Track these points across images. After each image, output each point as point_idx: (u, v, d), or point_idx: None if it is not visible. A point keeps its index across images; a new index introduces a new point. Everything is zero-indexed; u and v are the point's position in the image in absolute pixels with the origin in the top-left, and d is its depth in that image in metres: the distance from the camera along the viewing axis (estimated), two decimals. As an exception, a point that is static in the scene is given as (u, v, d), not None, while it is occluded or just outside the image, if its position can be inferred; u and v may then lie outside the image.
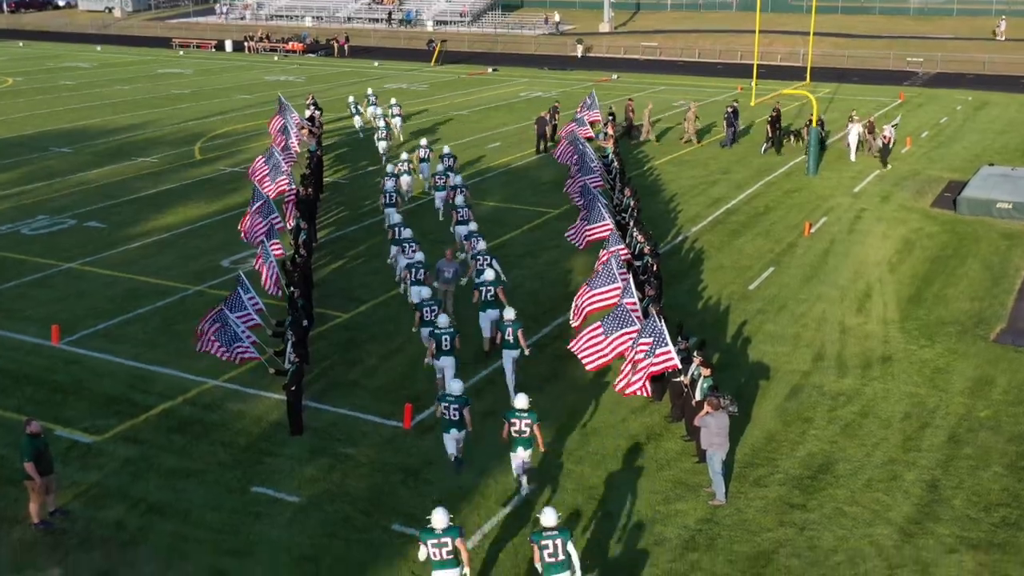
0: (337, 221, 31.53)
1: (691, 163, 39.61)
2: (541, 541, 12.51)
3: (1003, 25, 78.77)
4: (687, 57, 78.32)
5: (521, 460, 15.86)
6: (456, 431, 16.49)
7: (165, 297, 24.73)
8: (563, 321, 23.05)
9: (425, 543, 12.65)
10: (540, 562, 12.55)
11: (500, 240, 28.48)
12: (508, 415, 15.87)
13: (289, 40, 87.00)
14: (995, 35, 77.99)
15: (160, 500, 15.93)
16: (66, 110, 53.15)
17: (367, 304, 24.31)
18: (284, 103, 40.23)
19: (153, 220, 31.57)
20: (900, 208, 32.73)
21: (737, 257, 27.76)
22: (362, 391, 19.75)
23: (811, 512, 15.57)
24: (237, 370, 20.26)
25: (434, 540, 12.60)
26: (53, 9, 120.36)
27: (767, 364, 20.83)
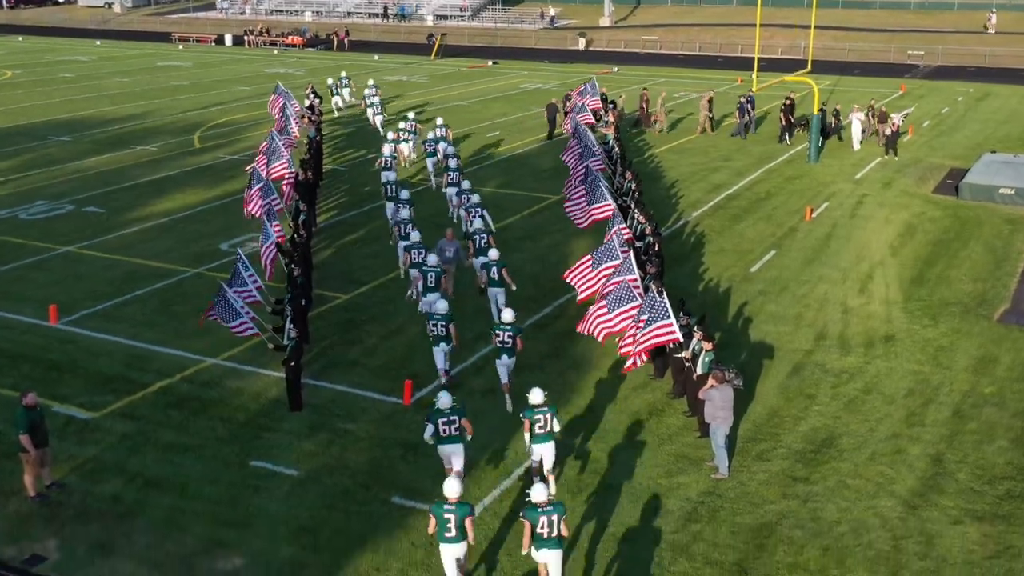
0: (337, 206, 31.39)
1: (691, 151, 39.46)
2: (534, 416, 14.45)
3: (993, 19, 78.84)
4: (687, 51, 78.20)
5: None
6: (445, 344, 18.16)
7: (163, 279, 24.59)
8: (564, 301, 22.94)
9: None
10: (529, 433, 14.58)
11: (501, 224, 28.26)
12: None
13: (289, 34, 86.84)
14: (986, 28, 77.97)
15: (157, 474, 15.79)
16: (65, 101, 53.00)
17: (367, 286, 24.17)
18: (284, 91, 40.11)
19: (152, 205, 31.42)
20: (902, 194, 32.58)
21: (738, 241, 27.62)
22: (362, 369, 19.61)
23: (814, 485, 15.43)
24: (235, 348, 20.15)
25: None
26: (52, 5, 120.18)
27: (769, 343, 20.69)
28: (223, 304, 18.42)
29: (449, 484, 12.42)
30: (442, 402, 14.80)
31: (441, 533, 12.36)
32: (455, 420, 14.75)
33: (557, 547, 12.34)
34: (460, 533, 12.30)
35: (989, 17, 79.09)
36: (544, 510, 12.21)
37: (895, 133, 37.69)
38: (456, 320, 18.53)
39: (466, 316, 21.60)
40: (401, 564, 13.58)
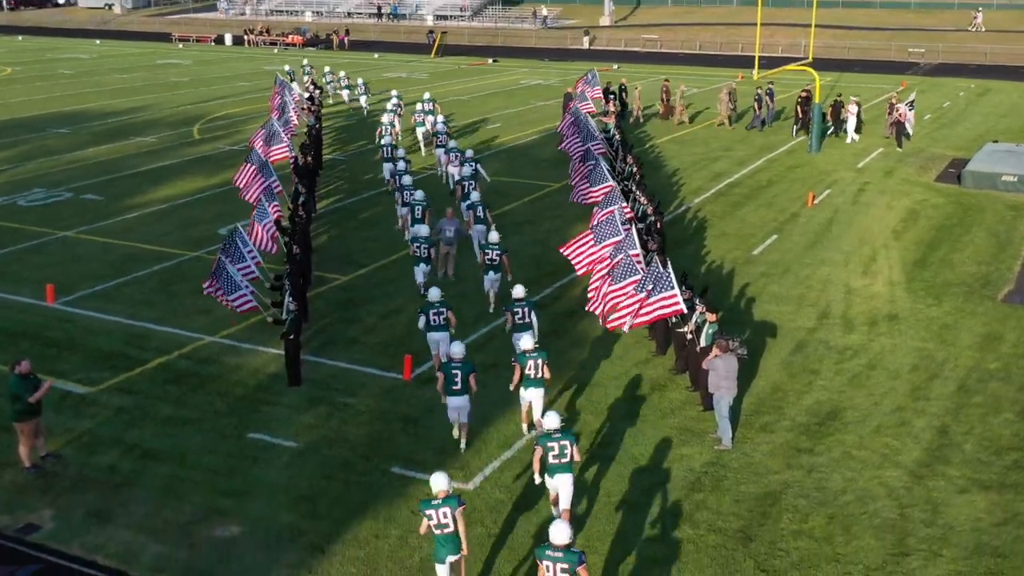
0: (336, 193, 31.26)
1: (692, 141, 39.33)
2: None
3: (979, 17, 78.91)
4: (688, 49, 78.11)
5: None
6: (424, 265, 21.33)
7: (162, 262, 24.45)
8: (565, 282, 22.79)
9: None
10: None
11: (501, 210, 28.13)
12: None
13: (289, 34, 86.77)
14: (972, 27, 78.05)
15: (155, 446, 15.63)
16: (64, 95, 52.90)
17: (366, 268, 24.02)
18: (283, 82, 40.00)
19: (151, 193, 31.28)
20: (904, 182, 32.43)
21: (740, 226, 27.47)
22: (361, 346, 19.46)
23: (819, 456, 15.27)
24: (234, 327, 19.99)
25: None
26: (53, 7, 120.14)
27: (772, 322, 20.52)
28: (223, 277, 18.28)
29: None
30: (432, 296, 17.55)
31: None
32: (443, 311, 17.39)
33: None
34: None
35: (975, 16, 79.20)
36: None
37: (900, 122, 37.48)
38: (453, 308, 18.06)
39: (467, 296, 21.47)
40: (400, 531, 13.41)
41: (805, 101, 40.12)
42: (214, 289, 18.54)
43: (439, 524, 11.37)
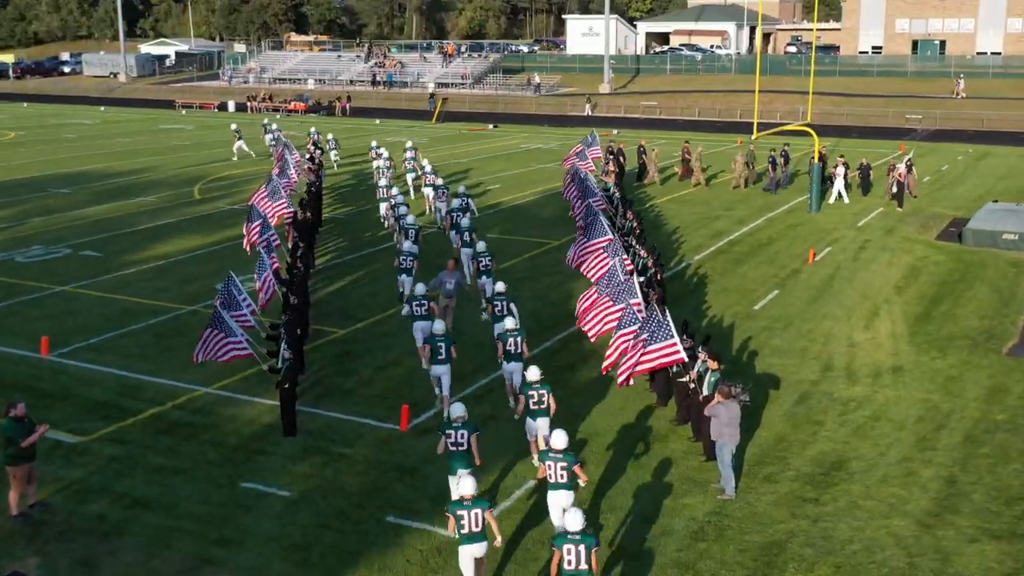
0: (336, 250, 31.18)
1: (693, 201, 39.39)
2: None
3: (961, 84, 79.85)
4: (687, 116, 78.77)
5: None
6: (406, 276, 23.39)
7: (158, 315, 24.25)
8: (565, 336, 22.57)
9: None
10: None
11: (502, 266, 27.97)
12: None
13: (291, 101, 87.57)
14: (955, 94, 78.93)
15: (145, 494, 15.28)
16: (67, 157, 53.18)
17: (364, 322, 23.82)
18: (285, 142, 40.19)
19: (150, 249, 31.19)
20: (905, 240, 32.37)
21: (741, 282, 27.32)
22: (358, 398, 19.17)
23: (824, 506, 14.92)
24: (229, 378, 19.73)
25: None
26: (59, 75, 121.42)
27: (775, 375, 20.27)
28: (217, 323, 18.04)
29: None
30: (418, 289, 20.30)
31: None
32: (424, 303, 20.00)
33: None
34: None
35: (957, 83, 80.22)
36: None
37: (900, 183, 37.55)
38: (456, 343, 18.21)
39: (465, 347, 21.24)
40: (396, 580, 13.04)
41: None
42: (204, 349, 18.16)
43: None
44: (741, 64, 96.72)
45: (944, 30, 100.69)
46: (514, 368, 17.97)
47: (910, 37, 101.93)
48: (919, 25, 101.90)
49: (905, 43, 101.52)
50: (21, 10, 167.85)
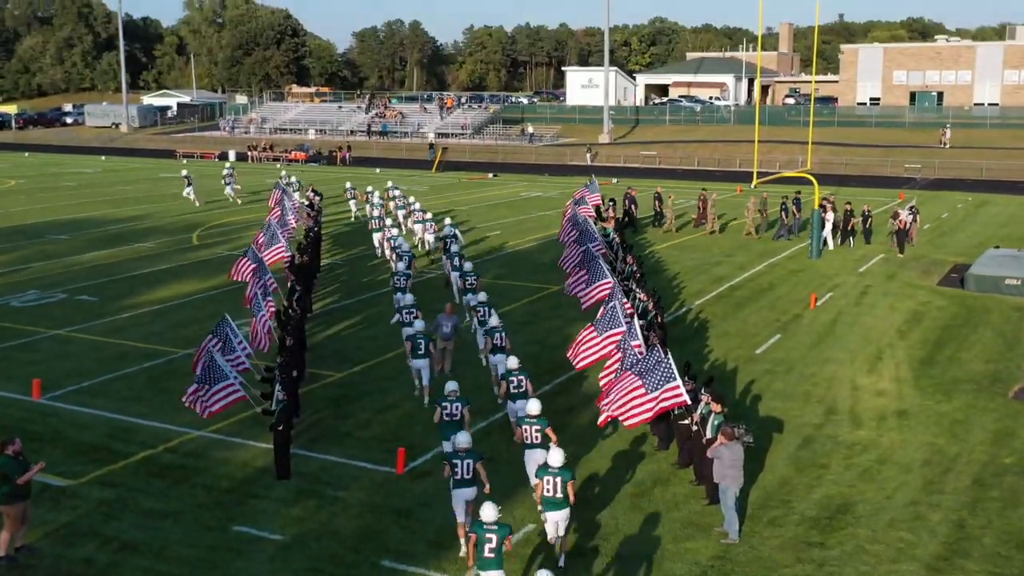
0: (334, 294, 30.95)
1: (693, 247, 39.24)
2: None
3: (948, 134, 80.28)
4: (686, 165, 78.94)
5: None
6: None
7: (153, 359, 23.95)
8: (564, 379, 22.28)
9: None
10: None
11: (501, 311, 27.61)
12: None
13: (292, 150, 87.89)
14: (941, 143, 79.32)
15: (134, 538, 14.90)
16: (66, 204, 53.17)
17: (362, 365, 23.52)
18: (283, 188, 40.14)
19: (146, 294, 30.95)
20: (906, 285, 32.16)
21: (742, 326, 27.06)
22: (354, 440, 18.83)
23: (831, 550, 14.53)
24: (223, 421, 19.36)
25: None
26: (61, 126, 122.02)
27: (778, 418, 19.93)
28: (208, 368, 17.71)
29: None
30: (407, 299, 22.98)
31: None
32: (413, 311, 22.19)
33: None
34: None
35: (944, 132, 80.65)
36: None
37: (902, 230, 37.39)
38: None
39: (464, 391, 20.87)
40: (390, 625, 12.64)
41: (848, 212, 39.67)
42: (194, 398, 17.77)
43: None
44: (740, 115, 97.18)
45: (941, 82, 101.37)
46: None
47: (908, 89, 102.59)
48: (916, 77, 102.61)
49: (903, 94, 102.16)
50: (25, 62, 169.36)
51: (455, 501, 14.47)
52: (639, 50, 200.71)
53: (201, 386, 17.51)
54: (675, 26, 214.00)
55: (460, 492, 14.38)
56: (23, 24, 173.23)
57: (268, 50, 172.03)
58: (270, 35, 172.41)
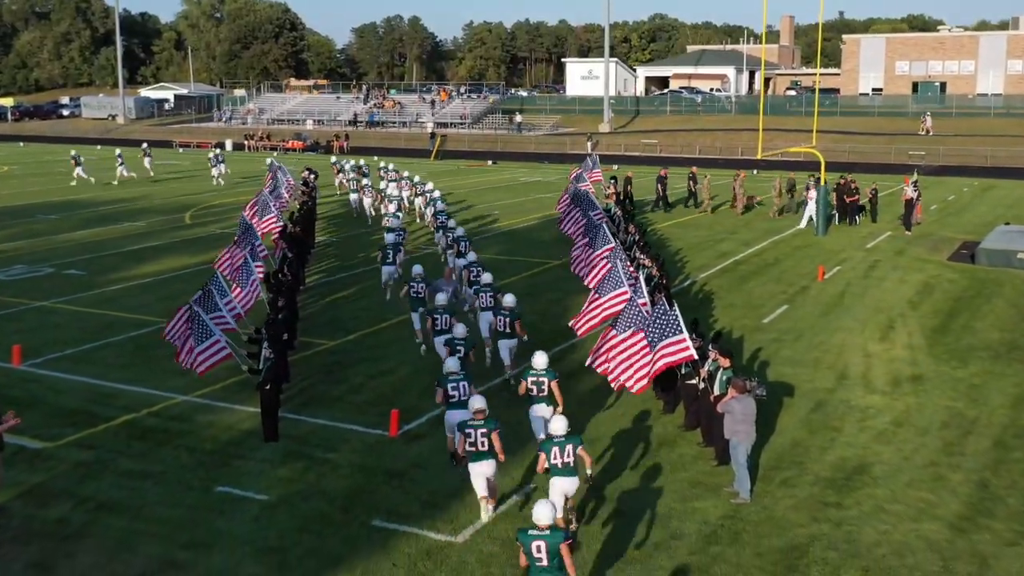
0: (327, 269, 30.14)
1: (695, 225, 38.44)
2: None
3: (928, 121, 79.50)
4: (687, 153, 78.05)
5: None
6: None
7: (140, 328, 23.16)
8: (566, 346, 21.47)
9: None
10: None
11: (501, 284, 26.84)
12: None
13: (289, 140, 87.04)
14: (923, 131, 78.54)
15: (111, 498, 14.12)
16: (58, 187, 52.37)
17: (355, 334, 22.72)
18: (277, 166, 39.37)
19: (135, 269, 30.16)
20: (916, 260, 31.35)
21: (748, 297, 26.26)
22: (346, 404, 18.03)
23: (848, 510, 13.73)
24: (210, 386, 18.58)
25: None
26: (57, 118, 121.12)
27: (788, 383, 19.11)
28: (193, 324, 16.94)
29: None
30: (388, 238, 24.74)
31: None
32: (391, 253, 24.76)
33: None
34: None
35: (924, 120, 79.83)
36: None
37: (909, 203, 36.54)
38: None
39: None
40: (380, 583, 11.84)
41: (843, 189, 38.69)
42: (175, 336, 17.05)
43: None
44: (741, 105, 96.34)
45: (944, 72, 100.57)
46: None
47: (910, 79, 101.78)
48: (919, 67, 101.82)
49: (905, 85, 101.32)
50: (23, 57, 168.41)
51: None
52: (639, 46, 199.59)
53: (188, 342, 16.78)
54: (675, 22, 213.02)
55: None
56: (21, 19, 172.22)
57: (266, 44, 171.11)
58: (268, 29, 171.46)
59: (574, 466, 12.52)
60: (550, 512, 10.18)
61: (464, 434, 13.07)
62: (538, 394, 15.19)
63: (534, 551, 10.06)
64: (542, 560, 10.03)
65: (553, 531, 10.09)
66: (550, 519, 10.14)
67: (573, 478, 12.56)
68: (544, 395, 15.15)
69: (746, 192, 42.11)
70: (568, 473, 12.48)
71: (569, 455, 12.46)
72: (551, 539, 10.03)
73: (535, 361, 15.16)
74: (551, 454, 12.39)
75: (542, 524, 10.09)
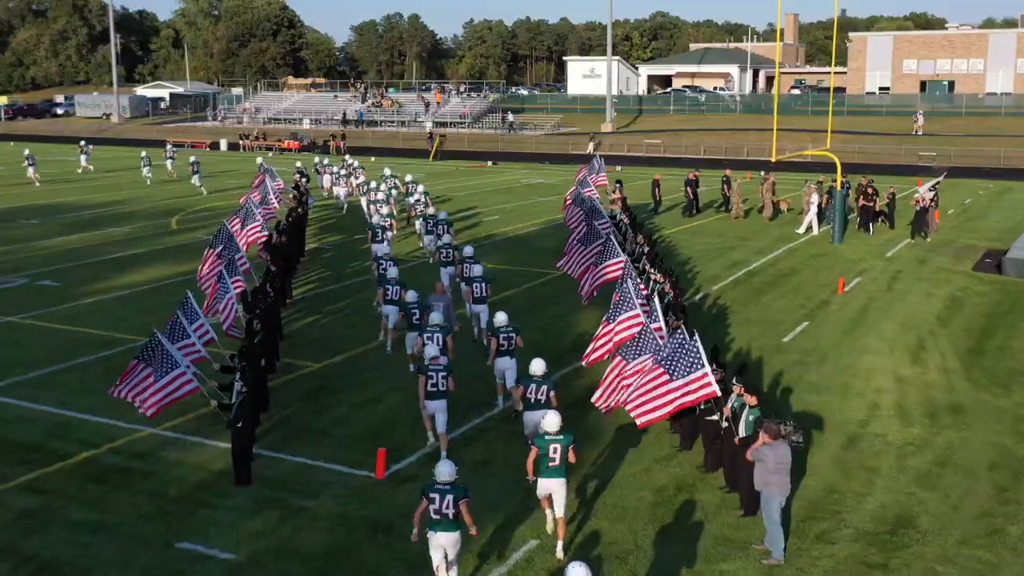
0: (316, 280, 28.42)
1: (703, 232, 36.71)
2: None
3: (920, 120, 77.94)
4: (692, 154, 76.28)
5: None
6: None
7: (111, 348, 21.45)
8: (569, 371, 19.76)
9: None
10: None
11: (502, 296, 25.11)
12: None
13: (285, 139, 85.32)
14: (914, 131, 76.91)
15: (56, 556, 12.41)
16: (42, 190, 50.63)
17: (343, 355, 21.01)
18: (267, 168, 37.68)
19: (114, 279, 28.46)
20: (940, 270, 29.63)
21: (765, 312, 24.56)
22: (329, 439, 16.33)
23: (895, 572, 12.06)
24: (180, 417, 16.88)
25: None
26: (52, 116, 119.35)
27: (815, 414, 17.41)
28: (157, 357, 15.23)
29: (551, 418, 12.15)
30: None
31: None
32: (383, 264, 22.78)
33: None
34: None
35: (916, 119, 78.22)
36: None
37: (924, 209, 34.75)
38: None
39: (460, 382, 18.43)
40: (358, 671, 10.14)
41: (865, 194, 36.98)
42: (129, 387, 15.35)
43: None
44: (746, 104, 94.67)
45: (953, 71, 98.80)
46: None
47: (918, 78, 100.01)
48: (927, 66, 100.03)
49: (913, 83, 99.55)
50: (19, 55, 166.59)
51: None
52: (640, 44, 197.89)
53: (141, 372, 15.05)
54: (676, 21, 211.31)
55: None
56: (17, 16, 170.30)
57: (264, 42, 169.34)
58: (266, 27, 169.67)
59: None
60: (559, 419, 12.52)
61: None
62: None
63: (550, 452, 12.22)
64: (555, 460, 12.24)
65: (565, 434, 12.35)
66: (559, 425, 12.44)
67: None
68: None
69: (778, 197, 40.16)
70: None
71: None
72: (564, 441, 12.33)
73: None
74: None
75: (552, 431, 12.33)
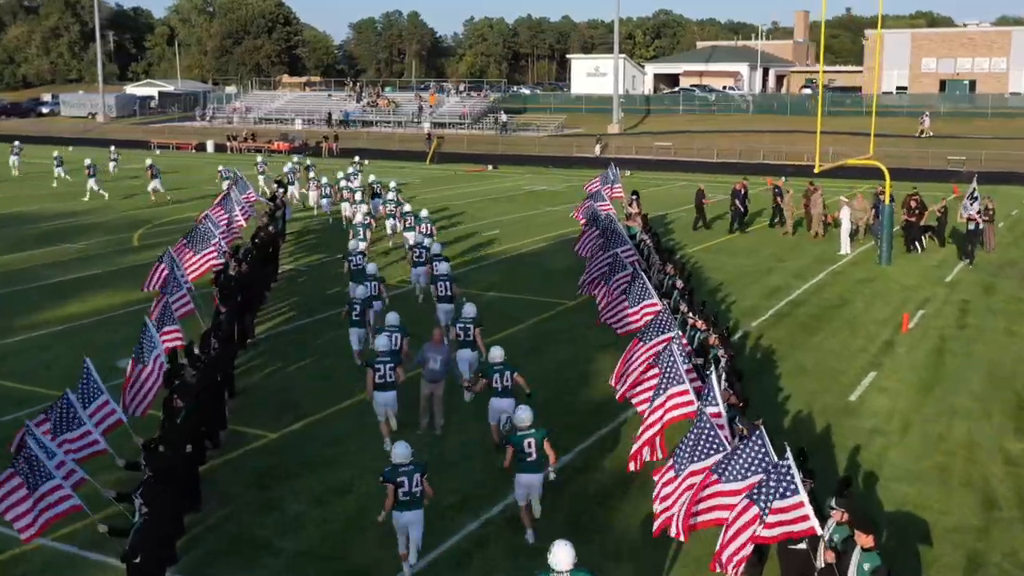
0: (286, 312, 24.30)
1: (731, 251, 32.53)
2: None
3: (927, 122, 74.35)
4: (704, 157, 72.14)
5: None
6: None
7: (22, 407, 17.35)
8: (593, 441, 15.69)
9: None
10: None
11: (502, 336, 20.93)
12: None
13: (274, 140, 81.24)
14: (920, 133, 73.67)
15: None
16: (7, 197, 46.55)
17: (306, 419, 16.90)
18: (236, 176, 33.64)
19: (51, 310, 24.36)
20: (1012, 300, 25.51)
21: (820, 357, 20.43)
22: (271, 558, 12.22)
23: None
24: (79, 522, 12.74)
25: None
26: (36, 116, 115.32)
27: (916, 516, 13.30)
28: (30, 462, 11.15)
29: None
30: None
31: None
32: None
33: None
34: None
35: (922, 120, 74.35)
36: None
37: (977, 227, 30.39)
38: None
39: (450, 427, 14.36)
40: None
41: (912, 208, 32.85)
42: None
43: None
44: (758, 104, 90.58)
45: (974, 69, 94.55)
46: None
47: (937, 77, 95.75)
48: (946, 64, 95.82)
49: (932, 83, 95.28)
50: (10, 53, 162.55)
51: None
52: (643, 43, 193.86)
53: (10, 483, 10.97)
54: (680, 19, 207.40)
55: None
56: (8, 13, 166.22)
57: (259, 39, 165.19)
58: (261, 24, 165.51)
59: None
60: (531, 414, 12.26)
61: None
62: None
63: (525, 447, 12.02)
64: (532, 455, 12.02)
65: (538, 429, 12.15)
66: (532, 419, 12.21)
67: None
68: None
69: (828, 210, 35.91)
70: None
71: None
72: (537, 435, 12.13)
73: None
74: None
75: (524, 426, 12.09)
